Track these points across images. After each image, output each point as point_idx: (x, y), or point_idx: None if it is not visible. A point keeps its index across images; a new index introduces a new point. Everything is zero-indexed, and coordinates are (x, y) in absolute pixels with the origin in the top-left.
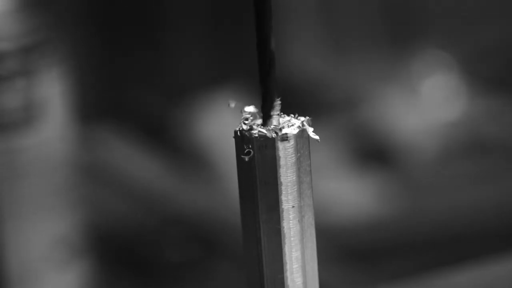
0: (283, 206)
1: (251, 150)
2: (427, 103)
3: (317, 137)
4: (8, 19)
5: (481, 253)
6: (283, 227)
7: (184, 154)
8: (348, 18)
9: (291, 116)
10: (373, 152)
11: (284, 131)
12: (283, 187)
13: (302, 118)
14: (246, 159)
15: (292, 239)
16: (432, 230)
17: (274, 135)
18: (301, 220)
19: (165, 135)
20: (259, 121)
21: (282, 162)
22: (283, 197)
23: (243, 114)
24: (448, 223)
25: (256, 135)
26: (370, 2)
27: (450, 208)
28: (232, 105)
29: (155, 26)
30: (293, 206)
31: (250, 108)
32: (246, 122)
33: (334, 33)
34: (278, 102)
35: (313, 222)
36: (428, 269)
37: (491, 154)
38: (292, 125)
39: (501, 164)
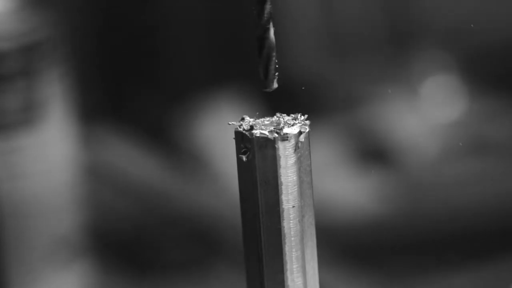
0: (283, 206)
1: (248, 149)
2: (427, 103)
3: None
4: (8, 19)
5: (481, 253)
6: (283, 227)
7: (184, 154)
8: (349, 18)
9: (292, 116)
10: (373, 152)
11: (284, 131)
12: (283, 187)
13: (303, 118)
14: (244, 159)
15: (292, 239)
16: (432, 230)
17: (275, 135)
18: (301, 220)
19: (165, 135)
20: (260, 121)
21: (282, 162)
22: (283, 197)
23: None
24: (448, 223)
25: (258, 135)
26: (370, 2)
27: (450, 208)
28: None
29: (155, 26)
30: (293, 206)
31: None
32: (245, 121)
33: (334, 33)
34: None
35: (313, 222)
36: (428, 269)
37: (491, 154)
38: (292, 125)
39: (501, 164)
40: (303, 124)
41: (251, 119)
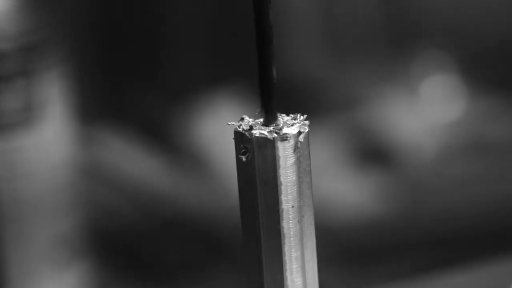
0: (282, 206)
1: (247, 150)
2: (427, 103)
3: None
4: (8, 19)
5: (481, 253)
6: (283, 227)
7: (184, 154)
8: (348, 19)
9: (291, 116)
10: (373, 152)
11: (284, 131)
12: (282, 187)
13: (302, 117)
14: (243, 159)
15: (291, 239)
16: (432, 230)
17: (274, 135)
18: (300, 220)
19: (165, 135)
20: (260, 121)
21: (281, 162)
22: (283, 197)
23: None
24: (448, 223)
25: (257, 135)
26: (370, 2)
27: (450, 208)
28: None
29: (156, 26)
30: (292, 206)
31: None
32: (245, 121)
33: (334, 33)
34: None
35: (312, 222)
36: (427, 269)
37: (491, 154)
38: (292, 125)
39: (501, 164)
40: (302, 124)
41: (251, 119)
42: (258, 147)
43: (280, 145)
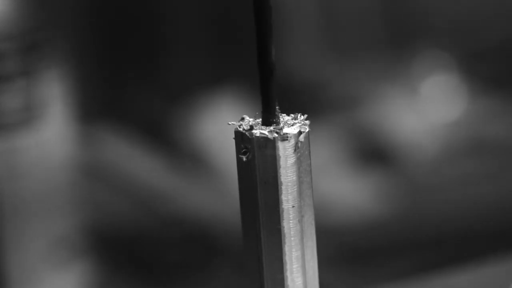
0: (283, 206)
1: (247, 150)
2: (427, 103)
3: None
4: (8, 19)
5: (481, 253)
6: (283, 227)
7: (184, 154)
8: (348, 18)
9: (292, 116)
10: (373, 152)
11: (284, 131)
12: (283, 187)
13: (303, 117)
14: (244, 159)
15: (292, 239)
16: (431, 230)
17: (275, 135)
18: (301, 220)
19: (165, 135)
20: (260, 121)
21: (282, 162)
22: (283, 197)
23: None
24: (448, 223)
25: (258, 135)
26: (370, 2)
27: (450, 208)
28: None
29: (155, 26)
30: (293, 206)
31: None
32: (245, 121)
33: (334, 33)
34: (278, 111)
35: (313, 222)
36: (428, 269)
37: (491, 154)
38: (293, 125)
39: (501, 164)
40: (303, 124)
41: (251, 119)
42: (259, 147)
43: (280, 145)
